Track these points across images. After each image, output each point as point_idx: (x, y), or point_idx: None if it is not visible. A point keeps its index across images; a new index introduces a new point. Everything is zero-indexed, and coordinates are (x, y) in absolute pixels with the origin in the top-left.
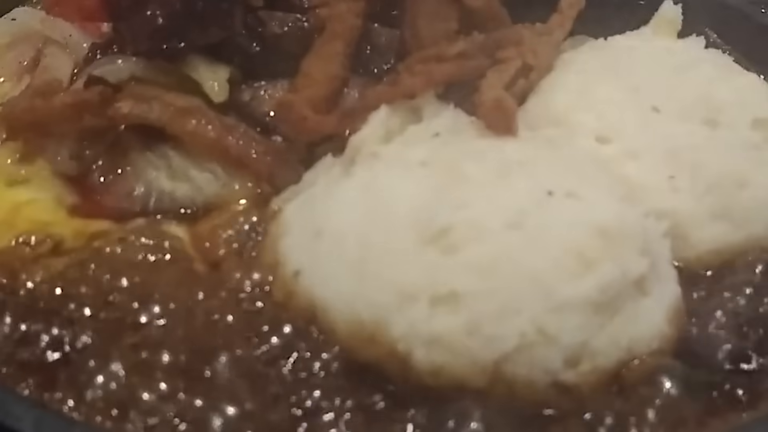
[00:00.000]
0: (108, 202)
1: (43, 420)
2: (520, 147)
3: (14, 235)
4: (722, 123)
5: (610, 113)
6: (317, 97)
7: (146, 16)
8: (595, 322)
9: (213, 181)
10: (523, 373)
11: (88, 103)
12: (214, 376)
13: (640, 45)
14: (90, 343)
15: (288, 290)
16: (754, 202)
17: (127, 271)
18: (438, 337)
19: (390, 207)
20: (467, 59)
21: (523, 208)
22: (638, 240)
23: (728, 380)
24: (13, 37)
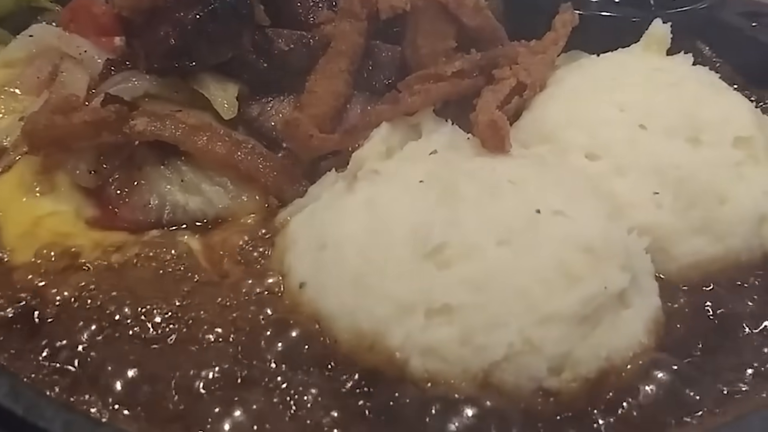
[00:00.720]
0: (124, 214)
1: (71, 421)
2: (511, 166)
3: (37, 247)
4: (705, 141)
5: (599, 131)
6: (322, 114)
7: (159, 36)
8: (578, 334)
9: (223, 195)
10: (510, 380)
11: (105, 120)
12: (225, 378)
13: (631, 63)
14: (111, 349)
15: (294, 300)
16: (734, 217)
17: (144, 281)
18: (433, 347)
19: (389, 223)
20: (464, 78)
21: (513, 226)
22: (621, 256)
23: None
24: (30, 52)
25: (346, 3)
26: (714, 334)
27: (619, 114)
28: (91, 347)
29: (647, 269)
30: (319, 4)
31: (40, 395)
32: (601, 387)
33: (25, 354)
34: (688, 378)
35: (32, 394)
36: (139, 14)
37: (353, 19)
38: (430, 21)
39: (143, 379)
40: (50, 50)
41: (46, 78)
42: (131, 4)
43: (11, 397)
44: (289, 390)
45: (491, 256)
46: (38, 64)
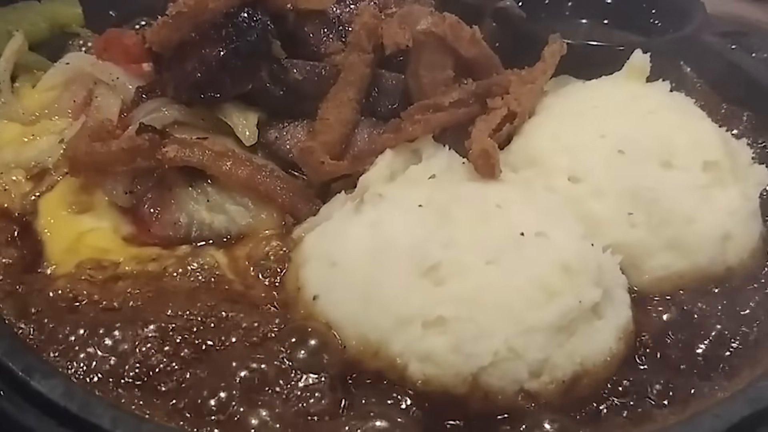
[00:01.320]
0: (157, 230)
1: (118, 417)
2: (500, 191)
3: (79, 261)
4: (676, 165)
5: (581, 155)
6: (332, 141)
7: (187, 71)
8: (555, 342)
9: (245, 213)
10: (496, 383)
11: (139, 148)
12: (250, 382)
13: (612, 90)
14: (149, 353)
15: (308, 310)
16: (700, 235)
17: (177, 291)
18: (429, 354)
19: (392, 244)
20: (460, 107)
21: (500, 247)
22: (594, 273)
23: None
24: (67, 78)
25: (355, 37)
26: (678, 340)
27: (600, 140)
28: (132, 352)
29: (620, 283)
30: (329, 36)
31: (90, 395)
32: (575, 388)
33: (75, 358)
34: (650, 380)
35: (84, 393)
36: (168, 49)
37: (361, 52)
38: (430, 53)
39: (180, 380)
40: (85, 76)
41: (81, 102)
42: (161, 41)
43: (66, 396)
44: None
45: (480, 275)
46: (74, 89)
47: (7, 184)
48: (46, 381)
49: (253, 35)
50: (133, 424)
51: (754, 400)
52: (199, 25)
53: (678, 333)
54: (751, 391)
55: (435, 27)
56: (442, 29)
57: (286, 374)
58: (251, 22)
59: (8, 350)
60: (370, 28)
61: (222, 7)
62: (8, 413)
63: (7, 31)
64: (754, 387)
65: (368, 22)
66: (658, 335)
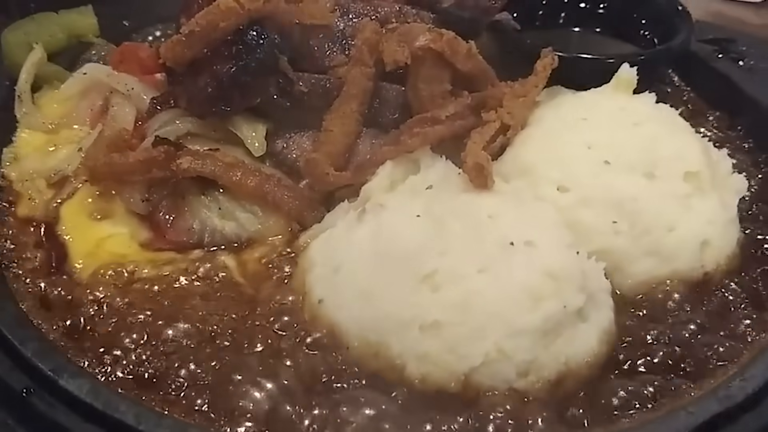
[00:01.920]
0: (171, 236)
1: (141, 414)
2: (492, 202)
3: (100, 265)
4: (659, 176)
5: (570, 166)
6: (336, 152)
7: (199, 86)
8: (542, 344)
9: (254, 220)
10: (487, 382)
11: (155, 159)
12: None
13: (600, 103)
14: (168, 353)
15: (314, 313)
16: (679, 242)
17: (191, 293)
18: (425, 355)
19: (391, 252)
20: (456, 120)
21: (491, 256)
22: (578, 280)
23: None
24: (84, 87)
25: (357, 52)
26: (657, 341)
27: (587, 151)
28: (152, 352)
29: (604, 287)
30: (333, 49)
31: (114, 393)
32: (560, 386)
33: (98, 357)
34: (628, 379)
35: (108, 391)
36: (181, 65)
37: (363, 66)
38: (428, 68)
39: (196, 377)
40: (101, 86)
41: (98, 110)
42: (175, 57)
43: (92, 394)
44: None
45: (473, 282)
46: (91, 97)
47: (31, 192)
48: (73, 380)
49: (262, 53)
50: (154, 419)
51: (724, 398)
52: (211, 43)
53: (657, 334)
54: (723, 390)
55: (433, 43)
56: (439, 45)
57: (296, 372)
58: (260, 40)
59: (38, 351)
60: (372, 43)
61: (232, 26)
62: (39, 409)
63: (27, 42)
64: (725, 386)
65: (369, 38)
66: (638, 336)
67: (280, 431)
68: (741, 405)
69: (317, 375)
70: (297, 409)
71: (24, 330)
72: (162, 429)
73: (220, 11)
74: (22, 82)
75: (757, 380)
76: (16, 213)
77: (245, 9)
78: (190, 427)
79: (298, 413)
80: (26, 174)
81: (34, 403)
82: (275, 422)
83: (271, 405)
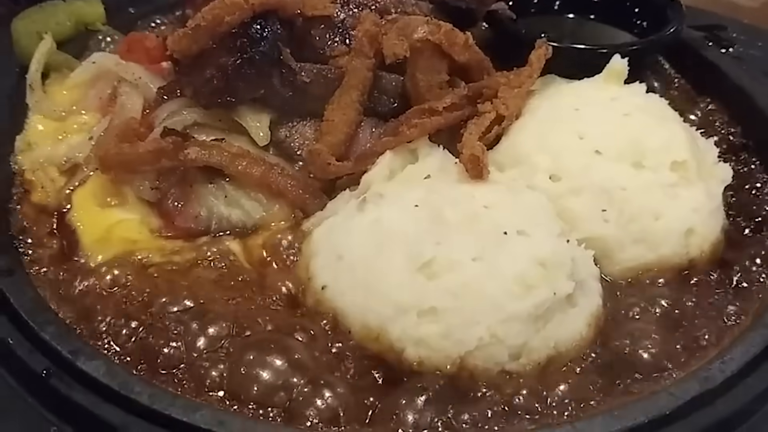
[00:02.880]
0: (180, 223)
1: (155, 394)
2: (487, 192)
3: (111, 251)
4: (647, 165)
5: (561, 156)
6: (338, 141)
7: (205, 78)
8: (532, 329)
9: (259, 208)
10: (480, 364)
11: (164, 150)
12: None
13: (592, 93)
14: (180, 336)
15: (317, 299)
16: (665, 230)
17: (200, 278)
18: (423, 339)
19: (391, 241)
20: (453, 111)
21: (485, 245)
22: (568, 268)
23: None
24: (93, 76)
25: (357, 44)
26: (642, 325)
27: (579, 141)
28: (163, 334)
29: (592, 273)
30: (334, 40)
31: (129, 374)
32: (549, 367)
33: (114, 340)
34: (614, 361)
35: (123, 373)
36: (187, 57)
37: (363, 57)
38: (426, 59)
39: (206, 360)
40: (110, 74)
41: (106, 98)
42: (182, 50)
43: (108, 375)
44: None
45: (468, 270)
46: (100, 86)
47: (44, 180)
48: (90, 362)
49: (266, 46)
50: (168, 399)
51: (704, 379)
52: (217, 36)
53: (642, 319)
54: (703, 371)
55: (431, 35)
56: (437, 37)
57: (303, 356)
58: (263, 33)
59: (55, 334)
60: (372, 34)
61: (237, 20)
62: (59, 390)
63: (36, 31)
64: (705, 368)
65: (369, 30)
66: (624, 320)
67: (289, 411)
68: (720, 387)
69: (323, 357)
70: (304, 389)
71: (42, 314)
72: (175, 409)
73: (226, 6)
74: (33, 72)
75: (736, 363)
76: (30, 201)
77: (250, 3)
78: (201, 407)
79: (305, 393)
80: (38, 162)
81: (55, 384)
82: (284, 402)
83: (279, 385)
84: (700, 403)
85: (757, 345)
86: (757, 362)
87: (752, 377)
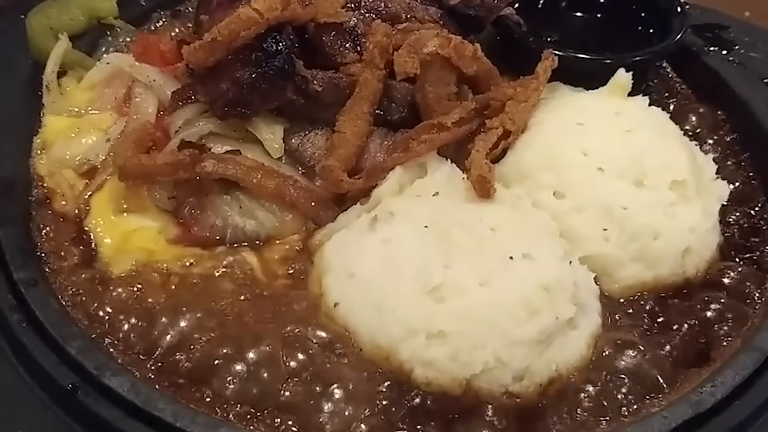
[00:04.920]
0: (197, 232)
1: (178, 411)
2: (494, 213)
3: (129, 260)
4: (647, 184)
5: (566, 173)
6: (349, 155)
7: (221, 90)
8: (536, 353)
9: (273, 219)
10: (485, 386)
11: (181, 163)
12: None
13: (596, 106)
14: (202, 349)
15: (329, 315)
16: (663, 249)
17: (218, 290)
18: (431, 361)
19: (401, 262)
20: (462, 125)
21: (491, 270)
22: (570, 292)
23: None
24: (108, 76)
25: (368, 55)
26: (638, 344)
27: (583, 158)
28: (188, 348)
29: (593, 293)
30: (345, 46)
31: (153, 390)
32: (549, 388)
33: (137, 355)
34: (610, 380)
35: (147, 389)
36: (203, 68)
37: (374, 69)
38: (435, 71)
39: (228, 371)
40: (124, 74)
41: (121, 98)
42: (197, 61)
43: (133, 392)
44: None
45: (475, 295)
46: (114, 86)
47: (63, 187)
48: (115, 378)
49: (280, 59)
50: (190, 416)
51: (696, 403)
52: (232, 49)
53: (638, 338)
54: (695, 395)
55: (441, 49)
56: (447, 51)
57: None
58: (278, 46)
59: (81, 349)
60: (383, 46)
61: (252, 34)
62: (86, 405)
63: (50, 27)
64: (696, 392)
65: (381, 41)
66: (621, 339)
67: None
68: (711, 410)
69: (334, 373)
70: (322, 403)
71: (67, 327)
72: (197, 426)
73: (241, 20)
74: (49, 73)
75: (727, 387)
76: (50, 208)
77: (264, 18)
78: (222, 425)
79: (324, 408)
80: (56, 166)
81: (82, 399)
82: (304, 416)
83: (298, 401)
84: (691, 426)
85: (748, 368)
86: (747, 385)
87: (742, 400)
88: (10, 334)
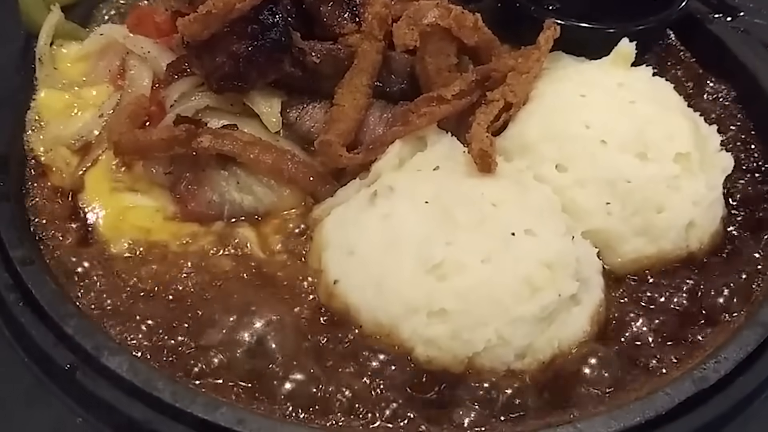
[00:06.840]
0: (194, 208)
1: (177, 391)
2: (495, 188)
3: (127, 236)
4: (650, 157)
5: (568, 145)
6: (348, 129)
7: (217, 64)
8: (538, 330)
9: (270, 194)
10: (487, 364)
11: (177, 138)
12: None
13: (599, 78)
14: (201, 326)
15: (329, 293)
16: (667, 223)
17: (216, 266)
18: (432, 339)
19: (401, 239)
20: (462, 98)
21: (493, 247)
22: (572, 268)
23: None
24: (101, 48)
25: (367, 26)
26: (640, 319)
27: (585, 131)
28: (186, 325)
29: (596, 268)
30: (343, 17)
31: (152, 370)
32: (552, 365)
33: (137, 334)
34: (614, 357)
35: (146, 369)
36: (198, 40)
37: (373, 40)
38: (435, 42)
39: (227, 348)
40: (118, 46)
41: (115, 70)
42: (192, 34)
43: (131, 372)
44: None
45: (476, 272)
46: (108, 58)
47: (58, 162)
48: (113, 357)
49: (277, 33)
50: (190, 396)
51: (699, 380)
52: (227, 21)
53: (641, 312)
54: (698, 371)
55: (441, 20)
56: (447, 22)
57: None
58: (274, 18)
59: (78, 329)
60: (382, 17)
61: (248, 6)
62: (84, 385)
63: (43, 1)
64: (700, 368)
65: (380, 12)
66: (622, 314)
67: (310, 408)
68: (714, 387)
69: (335, 349)
70: (320, 384)
71: (63, 306)
72: (196, 406)
73: None
74: (42, 45)
75: (730, 363)
76: (45, 184)
77: None
78: (222, 405)
79: (322, 388)
80: (50, 142)
81: (81, 379)
82: (301, 398)
83: (299, 379)
84: (694, 403)
85: (752, 343)
86: (751, 360)
87: (746, 376)
88: (8, 314)
